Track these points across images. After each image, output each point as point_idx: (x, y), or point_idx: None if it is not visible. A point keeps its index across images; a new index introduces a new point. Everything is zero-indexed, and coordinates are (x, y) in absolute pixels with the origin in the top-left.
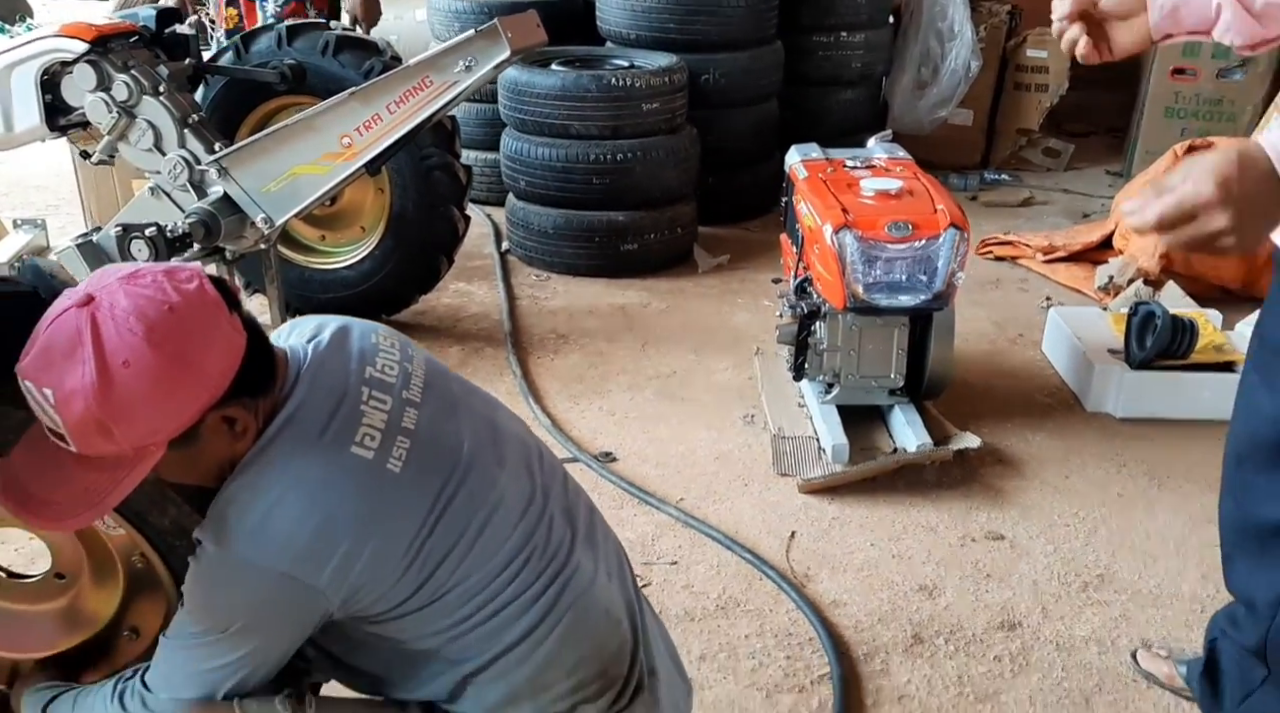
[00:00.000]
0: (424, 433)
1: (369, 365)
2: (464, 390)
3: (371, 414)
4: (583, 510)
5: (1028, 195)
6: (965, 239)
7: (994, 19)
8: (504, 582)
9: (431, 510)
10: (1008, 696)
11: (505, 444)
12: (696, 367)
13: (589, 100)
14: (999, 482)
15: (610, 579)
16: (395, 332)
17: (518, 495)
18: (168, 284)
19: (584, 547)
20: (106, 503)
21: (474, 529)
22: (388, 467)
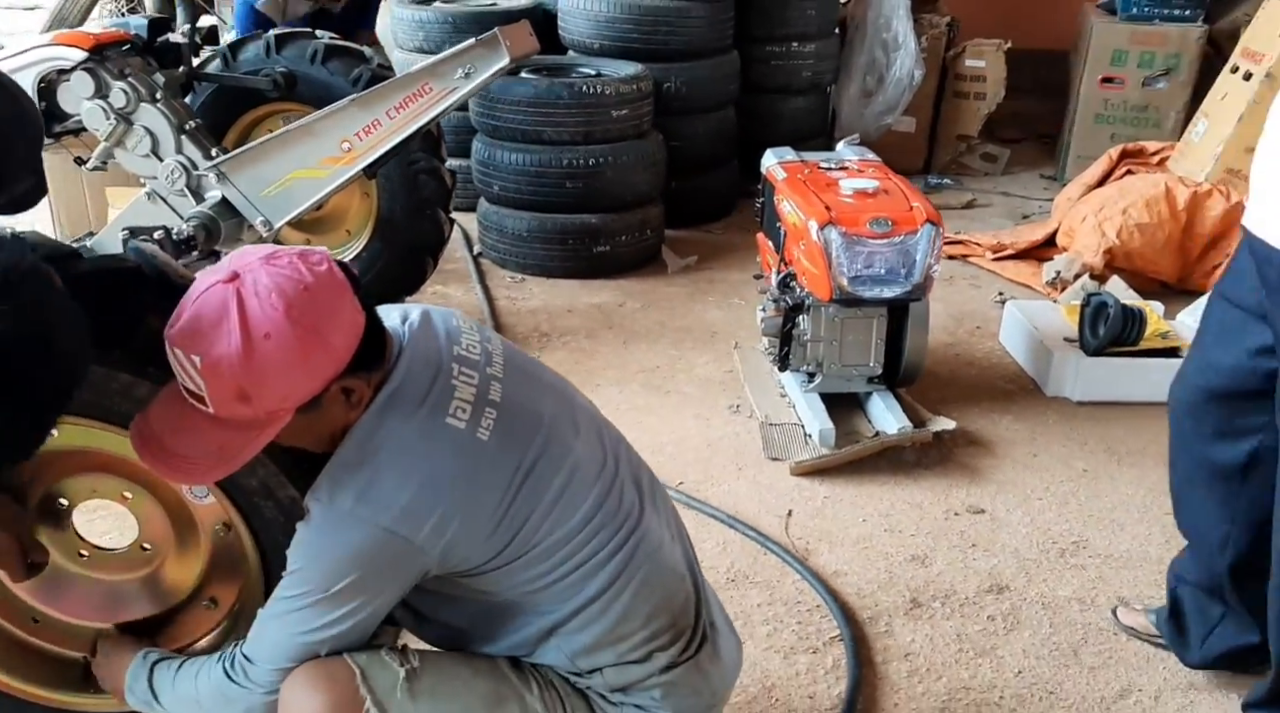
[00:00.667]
0: (508, 405)
1: (455, 344)
2: (538, 367)
3: (462, 388)
4: (646, 478)
5: (970, 198)
6: (940, 234)
7: (934, 30)
8: (583, 540)
9: (516, 474)
10: (1004, 650)
11: (579, 415)
12: (678, 361)
13: (561, 107)
14: (973, 461)
15: (674, 540)
16: (466, 316)
17: (592, 462)
18: (302, 266)
19: (651, 509)
20: (238, 460)
21: (555, 491)
22: (478, 436)
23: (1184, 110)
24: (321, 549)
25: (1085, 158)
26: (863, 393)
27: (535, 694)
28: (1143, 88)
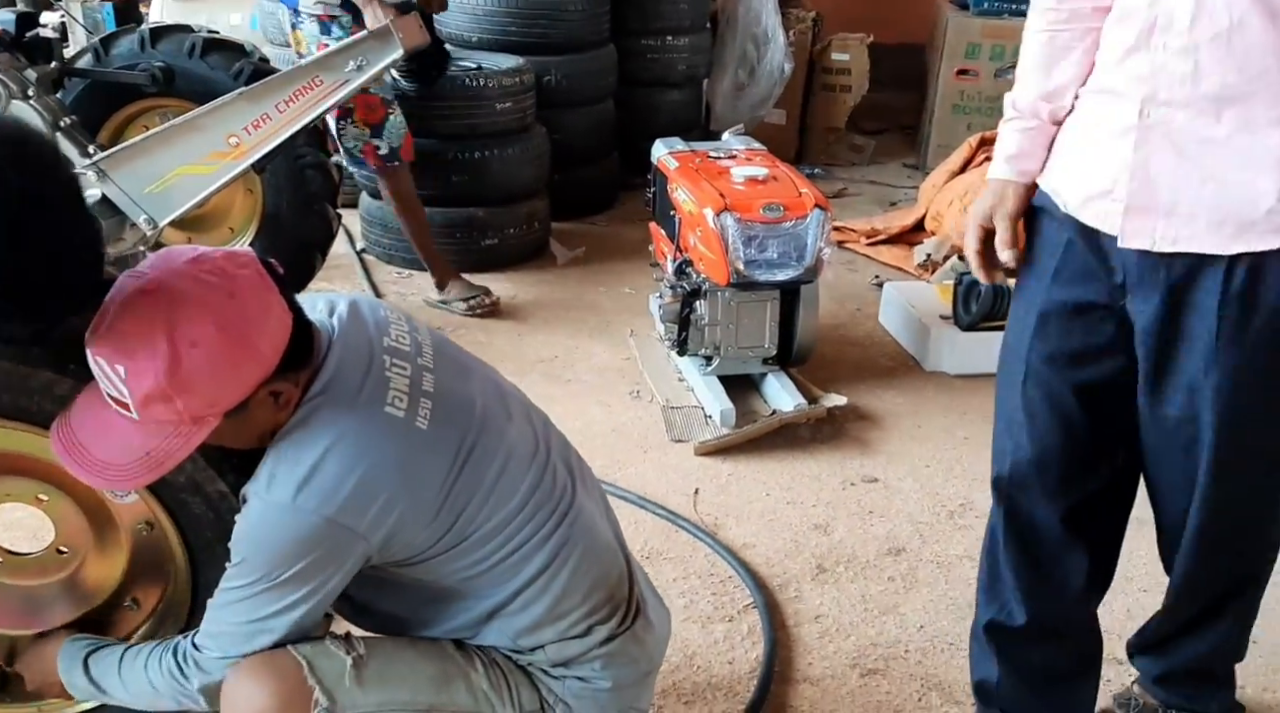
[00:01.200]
0: (442, 393)
1: (385, 335)
2: (467, 356)
3: (396, 379)
4: (574, 458)
5: (841, 187)
6: (829, 218)
7: (801, 24)
8: (521, 522)
9: (455, 460)
10: (905, 607)
11: (510, 401)
12: (575, 350)
13: (441, 100)
14: (864, 434)
15: (604, 518)
16: (394, 306)
17: (525, 445)
18: (230, 267)
19: (582, 489)
20: (166, 465)
21: (492, 476)
22: (416, 424)
23: None
24: (265, 541)
25: (945, 147)
26: (758, 374)
27: (480, 673)
28: (995, 79)
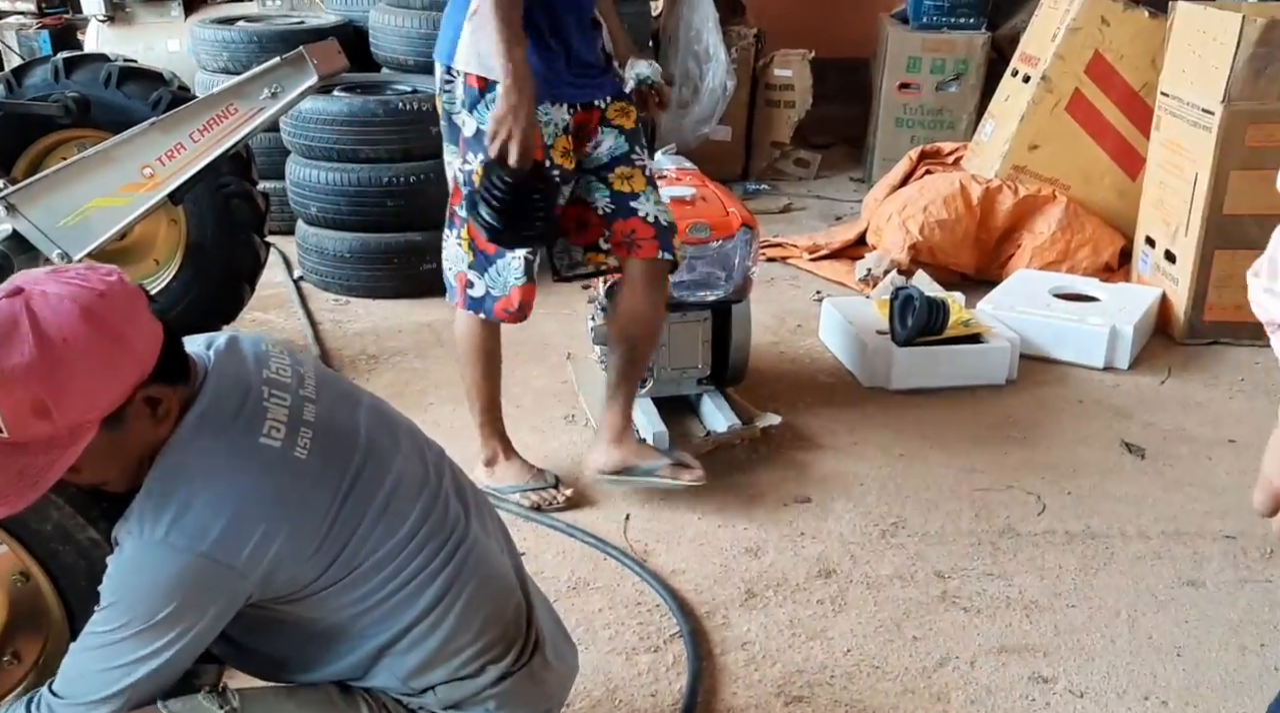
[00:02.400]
0: (324, 424)
1: (265, 367)
2: (353, 388)
3: (274, 409)
4: (469, 490)
5: (787, 202)
6: (756, 237)
7: (743, 41)
8: (409, 555)
9: (338, 491)
10: (833, 631)
11: (397, 430)
12: (511, 375)
13: (377, 124)
14: (799, 453)
15: (501, 551)
16: (279, 340)
17: (413, 476)
18: (93, 275)
19: (477, 521)
20: (42, 484)
21: (377, 507)
22: (295, 454)
23: (974, 112)
24: (136, 582)
25: (889, 160)
26: (693, 395)
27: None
28: (936, 92)
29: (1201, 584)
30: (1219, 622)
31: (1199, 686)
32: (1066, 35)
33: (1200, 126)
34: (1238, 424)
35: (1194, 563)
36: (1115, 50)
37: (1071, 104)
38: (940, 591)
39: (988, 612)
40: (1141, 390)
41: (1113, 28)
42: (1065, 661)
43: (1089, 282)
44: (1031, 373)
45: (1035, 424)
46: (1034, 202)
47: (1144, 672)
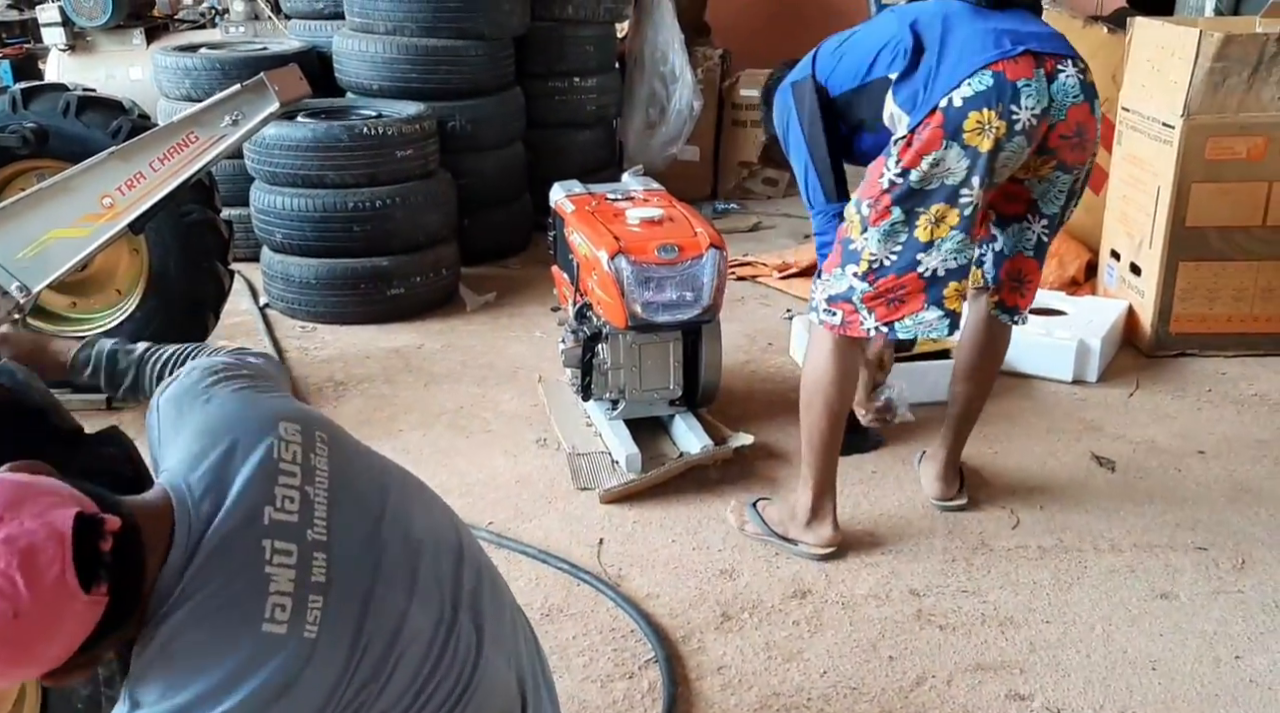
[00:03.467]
0: (336, 581)
1: (269, 503)
2: (369, 478)
3: (278, 576)
4: (486, 596)
5: (756, 221)
6: (724, 257)
7: (709, 62)
8: (415, 709)
9: (348, 666)
10: (810, 653)
11: (420, 558)
12: (482, 399)
13: (342, 150)
14: (773, 472)
15: (509, 665)
16: (295, 413)
17: (427, 622)
18: (20, 580)
19: (491, 644)
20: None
21: (387, 671)
22: (305, 636)
23: None
24: None
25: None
26: (666, 416)
27: None
28: None
29: (1175, 596)
30: (1193, 634)
31: (1175, 699)
32: None
33: (1161, 140)
34: (1207, 435)
35: (1167, 575)
36: None
37: None
38: (915, 609)
39: (963, 629)
40: (1110, 403)
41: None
42: (1041, 677)
43: (1056, 295)
44: (1000, 387)
45: (1005, 438)
46: None
47: (1120, 686)
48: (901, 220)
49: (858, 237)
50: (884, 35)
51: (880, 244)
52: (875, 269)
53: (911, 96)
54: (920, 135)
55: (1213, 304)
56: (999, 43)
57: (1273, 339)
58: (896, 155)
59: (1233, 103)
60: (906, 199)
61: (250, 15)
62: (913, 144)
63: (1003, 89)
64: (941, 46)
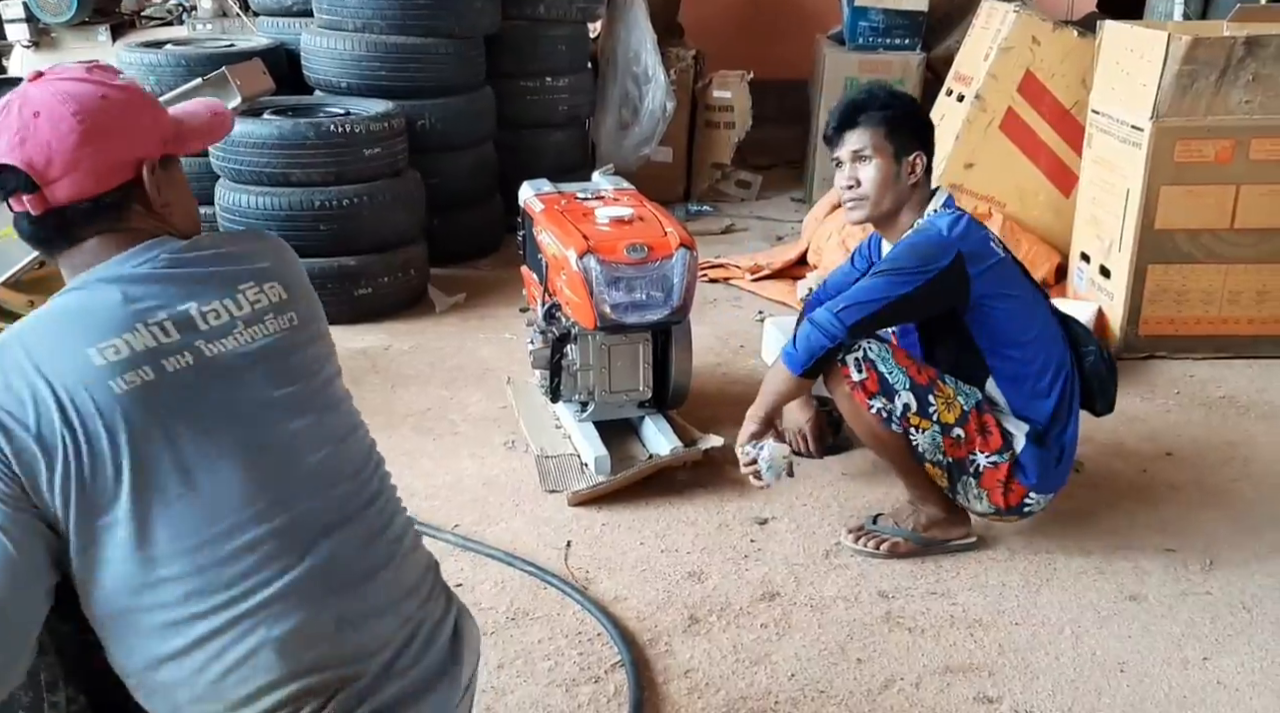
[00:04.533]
0: (187, 380)
1: (199, 302)
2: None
3: (139, 336)
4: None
5: (729, 223)
6: (694, 257)
7: (682, 63)
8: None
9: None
10: (778, 655)
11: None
12: (450, 401)
13: (308, 148)
14: (742, 475)
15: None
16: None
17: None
18: (108, 77)
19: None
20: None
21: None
22: (109, 383)
23: None
24: None
25: (829, 179)
26: (635, 418)
27: None
28: None
29: (1143, 598)
30: (1161, 636)
31: (1143, 701)
32: (999, 55)
33: (1130, 143)
34: (1175, 437)
35: (1135, 577)
36: (1046, 69)
37: (1005, 122)
38: (884, 611)
39: (932, 632)
40: None
41: (1044, 47)
42: (1010, 680)
43: None
44: None
45: None
46: None
47: (1088, 688)
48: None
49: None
50: (1055, 355)
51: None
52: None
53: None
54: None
55: (1181, 307)
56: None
57: (1240, 341)
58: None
59: (1201, 106)
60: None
61: (218, 12)
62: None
63: None
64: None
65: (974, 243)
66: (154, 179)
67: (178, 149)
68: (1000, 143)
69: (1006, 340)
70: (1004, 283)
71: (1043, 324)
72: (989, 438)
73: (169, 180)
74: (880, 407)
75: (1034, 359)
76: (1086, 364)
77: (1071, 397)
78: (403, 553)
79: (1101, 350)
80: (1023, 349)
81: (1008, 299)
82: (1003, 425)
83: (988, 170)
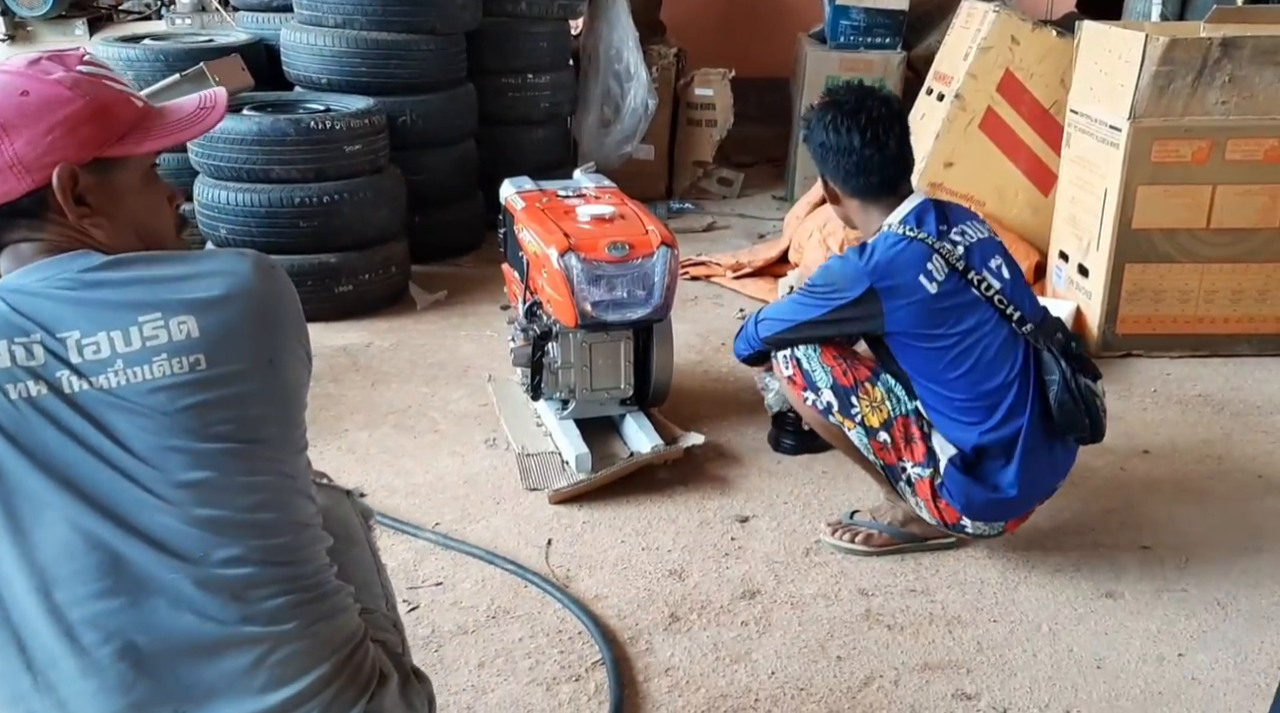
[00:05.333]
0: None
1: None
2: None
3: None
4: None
5: (710, 221)
6: (675, 255)
7: (664, 60)
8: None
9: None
10: (758, 653)
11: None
12: (431, 399)
13: (288, 144)
14: (723, 472)
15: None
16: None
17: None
18: (49, 66)
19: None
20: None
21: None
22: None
23: None
24: None
25: (810, 177)
26: (616, 416)
27: None
28: None
29: (1120, 595)
30: (1137, 633)
31: (1119, 697)
32: (978, 54)
33: (1108, 143)
34: (1152, 435)
35: (1112, 574)
36: (1026, 69)
37: (985, 122)
38: (864, 608)
39: (911, 629)
40: None
41: (1023, 47)
42: (988, 676)
43: None
44: None
45: None
46: None
47: (1065, 685)
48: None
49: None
50: (991, 393)
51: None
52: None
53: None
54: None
55: (1158, 306)
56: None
57: (1217, 340)
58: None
59: (1178, 106)
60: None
61: (197, 6)
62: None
63: None
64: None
65: (896, 276)
66: (66, 186)
67: (129, 149)
68: (980, 142)
69: (925, 375)
70: (928, 321)
71: (980, 360)
72: (913, 447)
73: (103, 187)
74: (812, 400)
75: (956, 396)
76: (1051, 395)
77: (1021, 434)
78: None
79: (1068, 379)
80: (946, 386)
81: (930, 339)
82: (930, 441)
83: (967, 169)
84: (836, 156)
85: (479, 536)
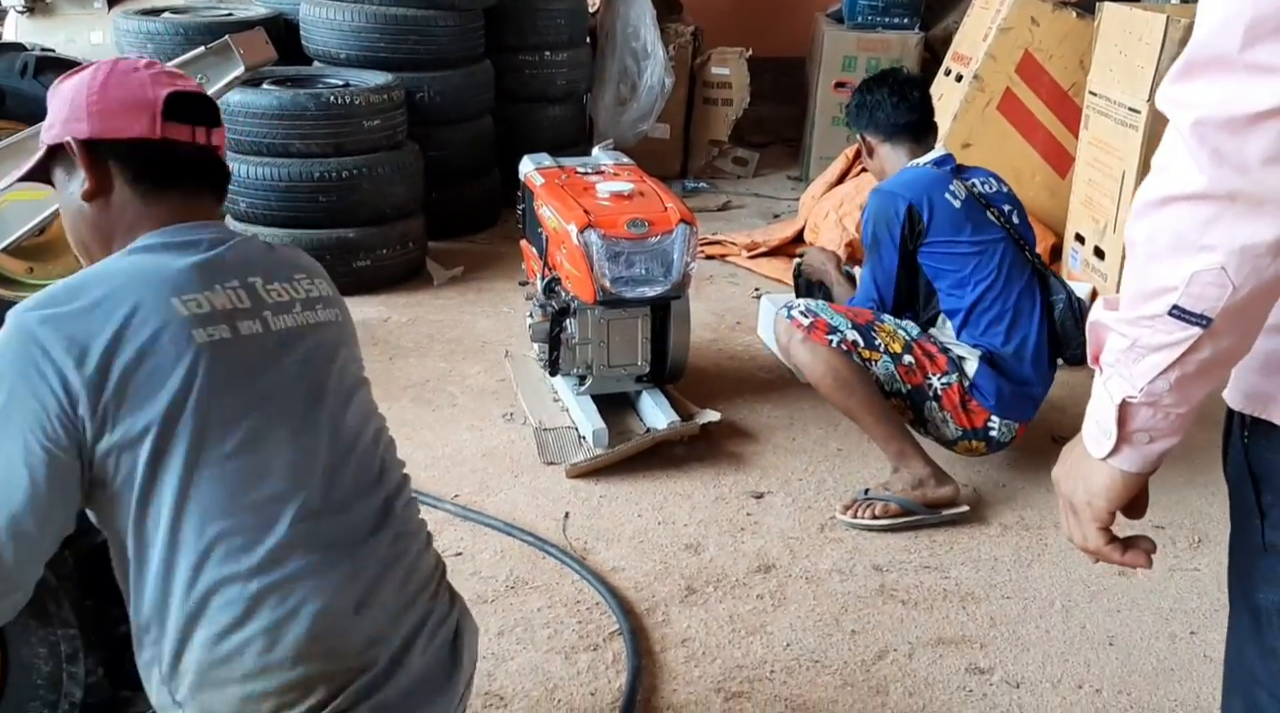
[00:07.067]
0: (253, 345)
1: (256, 274)
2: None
3: (219, 296)
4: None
5: (725, 200)
6: (694, 233)
7: (680, 39)
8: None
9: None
10: (773, 626)
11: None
12: (449, 373)
13: (308, 118)
14: (738, 449)
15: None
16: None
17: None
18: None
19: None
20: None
21: (253, 413)
22: (193, 332)
23: None
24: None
25: (826, 158)
26: (633, 392)
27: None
28: None
29: (1132, 574)
30: (1149, 610)
31: (1131, 673)
32: (997, 35)
33: (1127, 125)
34: None
35: None
36: (1045, 50)
37: (1003, 103)
38: (878, 584)
39: (925, 604)
40: (1072, 384)
41: (1042, 28)
42: (1001, 651)
43: None
44: None
45: None
46: None
47: (1078, 661)
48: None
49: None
50: (1007, 295)
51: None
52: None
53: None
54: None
55: None
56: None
57: None
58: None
59: None
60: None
61: None
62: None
63: None
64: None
65: (923, 191)
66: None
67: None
68: (998, 123)
69: (954, 281)
70: (954, 228)
71: (999, 268)
72: (936, 360)
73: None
74: (837, 340)
75: (981, 301)
76: (1056, 312)
77: (1036, 336)
78: (417, 549)
79: (1072, 300)
80: (972, 288)
81: (957, 244)
82: (949, 351)
83: (984, 150)
84: (871, 110)
85: (497, 507)
